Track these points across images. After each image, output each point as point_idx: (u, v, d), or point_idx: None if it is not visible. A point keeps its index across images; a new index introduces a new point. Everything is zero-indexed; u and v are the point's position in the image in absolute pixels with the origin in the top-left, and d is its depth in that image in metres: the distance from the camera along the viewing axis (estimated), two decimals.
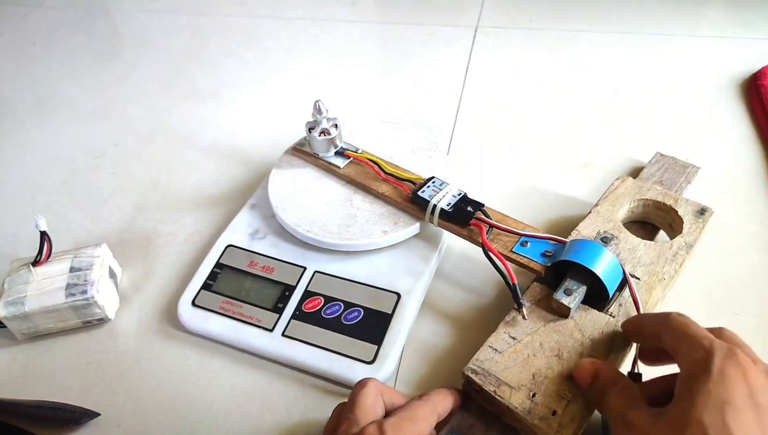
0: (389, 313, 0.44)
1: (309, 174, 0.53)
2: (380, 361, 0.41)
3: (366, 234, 0.47)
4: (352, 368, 0.41)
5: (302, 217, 0.48)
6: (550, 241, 0.43)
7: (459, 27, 0.81)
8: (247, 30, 0.85)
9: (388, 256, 0.47)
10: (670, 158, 0.54)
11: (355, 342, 0.42)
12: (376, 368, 0.41)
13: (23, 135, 0.69)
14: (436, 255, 0.48)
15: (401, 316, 0.44)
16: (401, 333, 0.43)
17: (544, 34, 0.78)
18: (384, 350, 0.42)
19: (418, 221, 0.47)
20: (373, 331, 0.43)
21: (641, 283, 0.41)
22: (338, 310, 0.44)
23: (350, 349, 0.42)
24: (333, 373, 0.42)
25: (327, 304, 0.45)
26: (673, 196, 0.48)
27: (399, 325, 0.43)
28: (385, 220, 0.48)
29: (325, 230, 0.47)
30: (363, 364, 0.41)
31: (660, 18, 0.79)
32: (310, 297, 0.45)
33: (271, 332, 0.44)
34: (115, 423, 0.41)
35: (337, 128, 0.52)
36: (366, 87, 0.72)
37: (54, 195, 0.61)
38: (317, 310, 0.44)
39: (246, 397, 0.42)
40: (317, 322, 0.44)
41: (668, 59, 0.72)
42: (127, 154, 0.65)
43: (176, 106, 0.72)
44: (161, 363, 0.44)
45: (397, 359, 0.43)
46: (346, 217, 0.48)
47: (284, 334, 0.43)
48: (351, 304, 0.44)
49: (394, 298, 0.45)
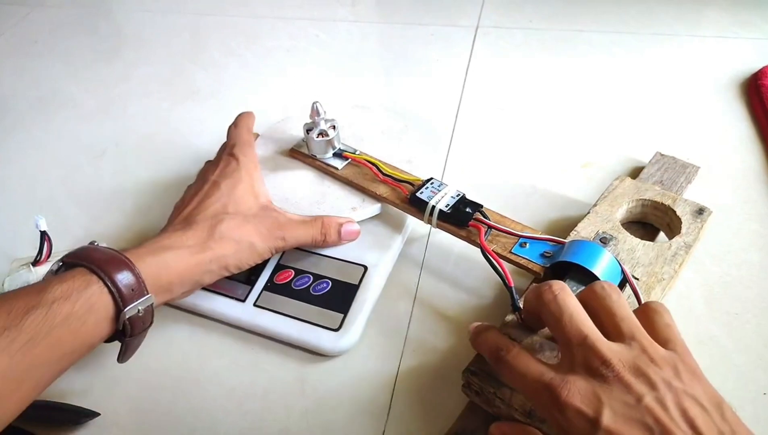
0: (356, 284, 0.46)
1: (282, 154, 0.55)
2: (345, 329, 0.44)
3: (335, 210, 0.49)
4: (319, 336, 0.43)
5: (276, 194, 0.51)
6: (548, 242, 0.43)
7: (459, 27, 0.81)
8: (247, 30, 0.85)
9: None
10: (670, 158, 0.54)
11: (323, 311, 0.45)
12: (341, 335, 0.43)
13: (24, 134, 0.69)
14: (403, 229, 0.50)
15: (367, 287, 0.46)
16: (367, 303, 0.45)
17: (544, 34, 0.78)
18: (349, 318, 0.44)
19: None
20: (340, 301, 0.45)
21: (640, 283, 0.41)
22: (308, 282, 0.46)
23: (318, 318, 0.44)
24: (301, 339, 0.44)
25: (297, 276, 0.47)
26: (672, 196, 0.48)
27: (365, 296, 0.45)
28: (353, 197, 0.50)
29: (296, 207, 0.50)
30: (329, 331, 0.44)
31: (660, 18, 0.79)
32: (282, 270, 0.47)
33: (243, 303, 0.46)
34: (115, 423, 0.41)
35: (335, 130, 0.52)
36: (366, 87, 0.72)
37: (54, 194, 0.61)
38: (288, 282, 0.47)
39: (246, 397, 0.42)
40: (288, 293, 0.46)
41: (668, 59, 0.72)
42: (127, 153, 0.65)
43: (177, 106, 0.72)
44: (161, 363, 0.44)
45: (361, 327, 0.44)
46: (317, 193, 0.51)
47: (256, 304, 0.46)
48: (320, 277, 0.47)
49: (361, 271, 0.47)
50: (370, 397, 0.41)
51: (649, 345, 0.30)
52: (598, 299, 0.33)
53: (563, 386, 0.29)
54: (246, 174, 0.47)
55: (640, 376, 0.29)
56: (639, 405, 0.28)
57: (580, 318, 0.32)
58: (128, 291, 0.36)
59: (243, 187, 0.46)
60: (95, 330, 0.35)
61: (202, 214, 0.44)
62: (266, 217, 0.46)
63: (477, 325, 0.37)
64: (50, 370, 0.34)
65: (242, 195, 0.46)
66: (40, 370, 0.33)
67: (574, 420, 0.28)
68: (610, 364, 0.29)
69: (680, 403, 0.28)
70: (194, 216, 0.44)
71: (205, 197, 0.45)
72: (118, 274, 0.35)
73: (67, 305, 0.33)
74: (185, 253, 0.40)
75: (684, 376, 0.29)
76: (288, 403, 0.42)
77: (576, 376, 0.30)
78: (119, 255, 0.37)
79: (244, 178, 0.47)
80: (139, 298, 0.36)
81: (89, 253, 0.37)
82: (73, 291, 0.34)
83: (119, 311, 0.35)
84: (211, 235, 0.42)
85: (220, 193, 0.45)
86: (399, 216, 0.50)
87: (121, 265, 0.36)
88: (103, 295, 0.35)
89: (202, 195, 0.46)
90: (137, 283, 0.36)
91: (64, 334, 0.33)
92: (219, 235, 0.42)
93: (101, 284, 0.35)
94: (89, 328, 0.34)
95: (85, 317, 0.34)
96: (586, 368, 0.30)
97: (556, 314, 0.32)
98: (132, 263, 0.37)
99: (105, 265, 0.35)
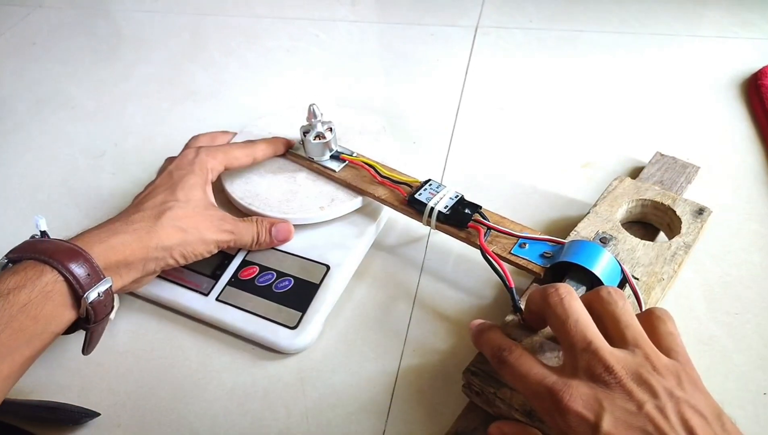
0: (317, 283, 0.46)
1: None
2: (302, 327, 0.44)
3: (303, 209, 0.49)
4: (276, 333, 0.44)
5: (247, 190, 0.51)
6: (548, 243, 0.43)
7: (459, 27, 0.81)
8: (247, 30, 0.85)
9: (326, 231, 0.50)
10: (670, 158, 0.54)
11: (282, 309, 0.45)
12: (298, 333, 0.44)
13: (24, 134, 0.69)
14: (373, 230, 0.50)
15: (328, 286, 0.46)
16: (326, 302, 0.45)
17: (544, 33, 0.78)
18: (307, 317, 0.44)
19: (360, 196, 0.50)
20: (300, 299, 0.45)
21: (640, 283, 0.41)
22: (271, 279, 0.47)
23: (276, 315, 0.45)
24: (258, 335, 0.44)
25: (261, 272, 0.47)
26: (672, 196, 0.48)
27: (325, 295, 0.45)
28: (323, 196, 0.50)
29: (266, 204, 0.50)
30: (286, 329, 0.44)
31: (660, 18, 0.79)
32: (247, 266, 0.48)
33: (206, 296, 0.46)
34: (115, 423, 0.41)
35: (332, 132, 0.52)
36: (366, 87, 0.72)
37: (54, 194, 0.61)
38: (251, 278, 0.47)
39: (247, 397, 0.42)
40: (250, 289, 0.46)
41: (668, 59, 0.72)
42: (127, 154, 0.65)
43: (176, 106, 0.72)
44: (160, 363, 0.44)
45: (319, 327, 0.45)
46: (287, 192, 0.51)
47: (218, 298, 0.46)
48: (283, 274, 0.47)
49: (323, 270, 0.47)
50: (371, 397, 0.41)
51: (653, 353, 0.31)
52: (604, 304, 0.33)
53: (565, 390, 0.29)
54: (200, 169, 0.47)
55: (642, 384, 0.29)
56: (640, 412, 0.28)
57: (586, 323, 0.32)
58: (85, 278, 0.36)
59: (194, 179, 0.46)
60: (55, 316, 0.35)
61: (150, 201, 0.44)
62: (214, 211, 0.46)
63: (479, 323, 0.37)
64: (18, 358, 0.34)
65: (193, 186, 0.46)
66: (7, 360, 0.33)
67: (575, 424, 0.28)
68: (613, 370, 0.29)
69: (681, 412, 0.28)
70: (143, 202, 0.44)
71: (157, 185, 0.46)
72: (71, 263, 0.36)
73: (23, 294, 0.34)
74: (130, 238, 0.40)
75: (686, 385, 0.29)
76: (288, 403, 0.42)
77: (578, 381, 0.30)
78: (68, 244, 0.37)
79: (197, 172, 0.47)
80: (96, 282, 0.37)
81: (34, 245, 0.37)
82: (27, 281, 0.34)
83: (78, 298, 0.36)
84: (157, 221, 0.42)
85: (172, 181, 0.46)
86: (370, 217, 0.51)
87: (72, 254, 0.36)
88: (58, 284, 0.35)
89: (154, 184, 0.46)
90: (92, 268, 0.37)
91: (24, 320, 0.34)
92: (165, 221, 0.42)
93: (55, 273, 0.35)
94: (48, 314, 0.35)
95: (43, 304, 0.34)
96: (589, 374, 0.30)
97: (561, 317, 0.32)
98: (83, 250, 0.37)
99: (55, 254, 0.36)
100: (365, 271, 0.49)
